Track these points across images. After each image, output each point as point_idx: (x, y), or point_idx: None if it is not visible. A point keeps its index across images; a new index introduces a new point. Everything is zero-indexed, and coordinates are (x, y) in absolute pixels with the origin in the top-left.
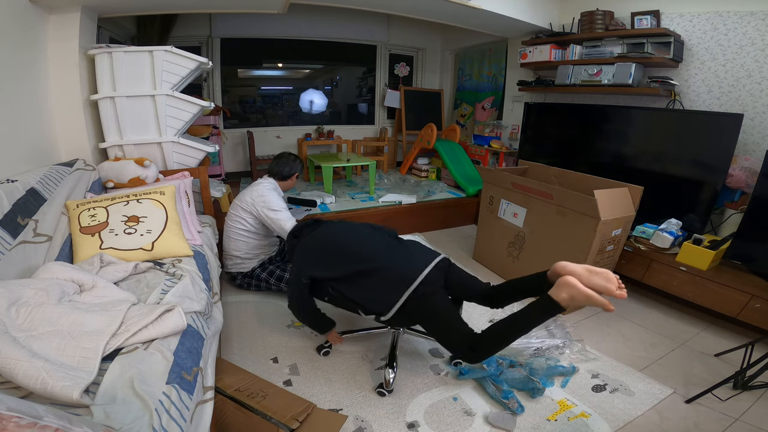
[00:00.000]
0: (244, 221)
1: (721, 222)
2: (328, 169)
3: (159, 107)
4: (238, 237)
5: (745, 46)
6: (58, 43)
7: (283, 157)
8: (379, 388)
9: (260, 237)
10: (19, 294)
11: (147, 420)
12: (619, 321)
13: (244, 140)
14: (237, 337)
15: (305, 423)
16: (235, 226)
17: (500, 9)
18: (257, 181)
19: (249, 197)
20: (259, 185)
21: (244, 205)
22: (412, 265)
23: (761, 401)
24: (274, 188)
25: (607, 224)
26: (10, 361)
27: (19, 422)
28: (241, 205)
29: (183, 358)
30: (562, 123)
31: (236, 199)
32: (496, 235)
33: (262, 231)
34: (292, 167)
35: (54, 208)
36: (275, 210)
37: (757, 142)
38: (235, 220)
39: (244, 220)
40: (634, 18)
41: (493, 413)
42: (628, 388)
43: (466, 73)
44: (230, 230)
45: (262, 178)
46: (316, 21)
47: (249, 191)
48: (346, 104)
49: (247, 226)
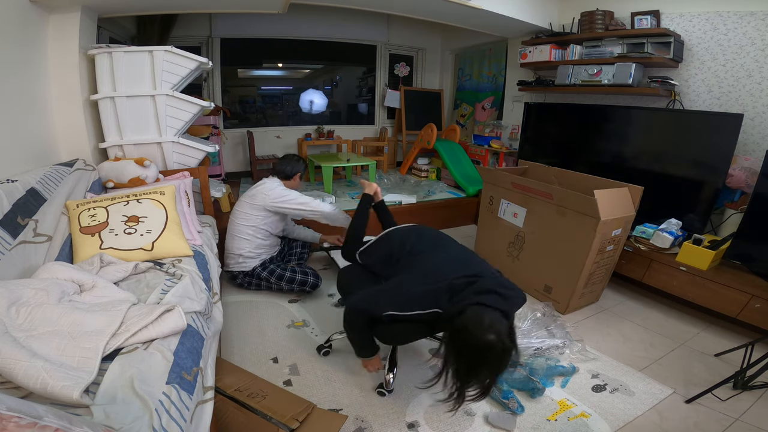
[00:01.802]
0: (252, 217)
1: (721, 222)
2: (328, 169)
3: (159, 107)
4: (242, 235)
5: (745, 46)
6: (58, 43)
7: (287, 158)
8: (379, 388)
9: (265, 236)
10: (19, 294)
11: (147, 420)
12: (619, 321)
13: (244, 140)
14: (237, 337)
15: (305, 423)
16: (241, 224)
17: (500, 9)
18: (262, 180)
19: (259, 194)
20: (264, 184)
21: (253, 201)
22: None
23: (761, 401)
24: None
25: (607, 224)
26: (10, 361)
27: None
28: (249, 202)
29: (183, 358)
30: (562, 123)
31: (243, 197)
32: (496, 235)
33: (268, 229)
34: (294, 167)
35: (54, 208)
36: (294, 198)
37: (757, 142)
38: (241, 217)
39: (253, 216)
40: (634, 18)
41: (493, 413)
42: (628, 388)
43: (466, 73)
44: (234, 228)
45: (267, 177)
46: (316, 21)
47: (259, 190)
48: (346, 104)
49: (255, 222)
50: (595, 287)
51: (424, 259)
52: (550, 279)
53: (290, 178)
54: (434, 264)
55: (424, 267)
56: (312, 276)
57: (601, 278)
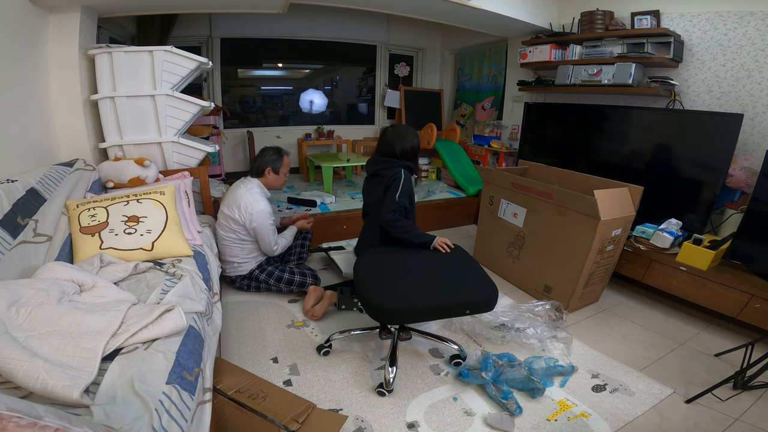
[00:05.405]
0: (237, 232)
1: (721, 222)
2: (328, 169)
3: (159, 107)
4: (232, 244)
5: (745, 46)
6: (58, 43)
7: (260, 152)
8: (379, 388)
9: (254, 242)
10: (19, 294)
11: (147, 420)
12: (619, 321)
13: (244, 140)
14: (237, 337)
15: (305, 423)
16: (228, 236)
17: (500, 9)
18: (235, 186)
19: (236, 208)
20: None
21: (233, 215)
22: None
23: (761, 401)
24: (259, 190)
25: (607, 224)
26: (10, 361)
27: (19, 422)
28: (231, 216)
29: (185, 358)
30: (562, 123)
31: (224, 206)
32: (496, 235)
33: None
34: (263, 161)
35: (54, 208)
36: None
37: (757, 142)
38: (226, 230)
39: (237, 231)
40: (634, 18)
41: (492, 414)
42: (628, 388)
43: (466, 73)
44: (223, 240)
45: (240, 180)
46: (316, 21)
47: (234, 198)
48: (346, 104)
49: (240, 236)
50: (595, 287)
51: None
52: (550, 279)
53: (262, 174)
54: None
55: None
56: (311, 277)
57: (601, 278)
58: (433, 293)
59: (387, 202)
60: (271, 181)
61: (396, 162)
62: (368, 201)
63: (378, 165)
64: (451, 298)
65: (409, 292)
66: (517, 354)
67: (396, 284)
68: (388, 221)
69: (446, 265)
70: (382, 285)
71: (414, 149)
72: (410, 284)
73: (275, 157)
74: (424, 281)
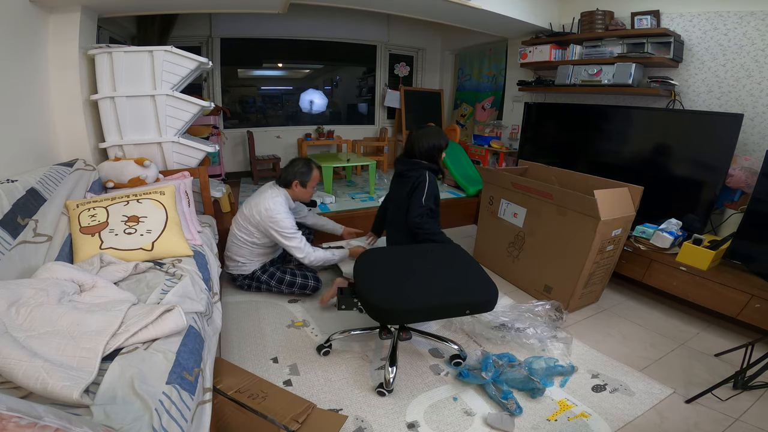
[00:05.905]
0: (252, 234)
1: (721, 222)
2: (328, 169)
3: (159, 107)
4: (243, 245)
5: (745, 46)
6: (58, 43)
7: (290, 162)
8: (379, 388)
9: (266, 247)
10: (19, 294)
11: (147, 420)
12: (619, 321)
13: (244, 140)
14: (237, 337)
15: (305, 423)
16: (242, 236)
17: (500, 9)
18: (262, 189)
19: (257, 213)
20: (264, 195)
21: (252, 218)
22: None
23: (761, 401)
24: (284, 199)
25: (607, 224)
26: (10, 361)
27: (19, 422)
28: (249, 218)
29: (185, 358)
30: (563, 123)
31: (244, 207)
32: (496, 235)
33: (270, 243)
34: (291, 173)
35: (54, 208)
36: (287, 236)
37: (757, 142)
38: (242, 230)
39: (252, 234)
40: (634, 18)
41: (491, 415)
42: (628, 388)
43: (466, 73)
44: (235, 238)
45: (269, 184)
46: (316, 21)
47: (256, 202)
48: (346, 104)
49: (254, 239)
50: (595, 287)
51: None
52: (550, 279)
53: (289, 185)
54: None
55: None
56: (312, 279)
57: (601, 278)
58: (433, 293)
59: (413, 206)
60: (298, 193)
61: (419, 164)
62: (391, 197)
63: (404, 166)
64: (451, 298)
65: (409, 292)
66: (517, 354)
67: (396, 284)
68: (416, 224)
69: (446, 265)
70: (382, 285)
71: (431, 149)
72: (410, 284)
73: (304, 170)
74: (424, 281)
